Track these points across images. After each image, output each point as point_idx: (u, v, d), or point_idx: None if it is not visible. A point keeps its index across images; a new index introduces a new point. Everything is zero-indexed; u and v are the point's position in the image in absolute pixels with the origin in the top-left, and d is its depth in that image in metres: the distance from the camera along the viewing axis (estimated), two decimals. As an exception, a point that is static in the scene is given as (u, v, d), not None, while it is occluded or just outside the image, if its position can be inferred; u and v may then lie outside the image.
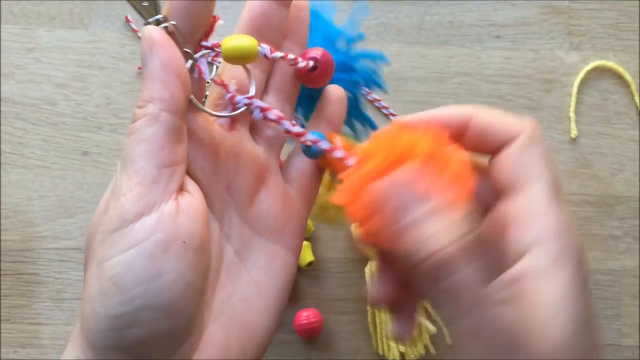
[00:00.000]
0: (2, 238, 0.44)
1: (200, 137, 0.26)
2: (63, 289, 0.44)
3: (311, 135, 0.27)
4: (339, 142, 0.27)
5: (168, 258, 0.22)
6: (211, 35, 0.26)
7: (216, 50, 0.26)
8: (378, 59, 0.36)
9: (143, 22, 0.25)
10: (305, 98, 0.32)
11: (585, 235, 0.46)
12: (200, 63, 0.26)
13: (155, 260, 0.22)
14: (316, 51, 0.28)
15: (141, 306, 0.22)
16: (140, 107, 0.23)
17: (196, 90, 0.26)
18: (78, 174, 0.45)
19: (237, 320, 0.27)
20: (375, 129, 0.37)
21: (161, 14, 0.24)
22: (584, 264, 0.22)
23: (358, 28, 0.34)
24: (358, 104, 0.36)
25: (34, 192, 0.45)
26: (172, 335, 0.24)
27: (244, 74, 0.27)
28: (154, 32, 0.24)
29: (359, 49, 0.35)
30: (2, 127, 0.45)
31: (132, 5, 0.24)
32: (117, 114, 0.46)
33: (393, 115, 0.46)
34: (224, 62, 0.26)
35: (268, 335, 0.27)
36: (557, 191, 0.24)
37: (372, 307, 0.27)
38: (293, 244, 0.29)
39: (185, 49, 0.25)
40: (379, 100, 0.46)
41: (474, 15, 0.48)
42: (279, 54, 0.26)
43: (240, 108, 0.27)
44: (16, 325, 0.44)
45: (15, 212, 0.44)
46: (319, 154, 0.28)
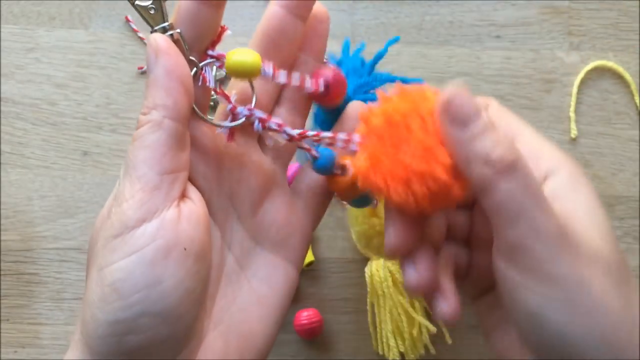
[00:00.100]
0: (2, 238, 0.44)
1: (203, 145, 0.26)
2: (63, 289, 0.44)
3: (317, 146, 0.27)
4: (350, 167, 0.26)
5: (168, 264, 0.23)
6: (218, 44, 0.26)
7: (222, 60, 0.26)
8: (399, 81, 0.36)
9: (150, 30, 0.25)
10: (328, 114, 0.31)
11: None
12: (205, 72, 0.26)
13: (156, 267, 0.22)
14: (327, 72, 0.27)
15: (141, 312, 0.22)
16: (144, 114, 0.24)
17: (200, 99, 0.26)
18: (78, 174, 0.45)
19: (237, 329, 0.27)
20: None
21: (167, 21, 0.25)
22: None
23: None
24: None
25: (34, 192, 0.45)
26: (172, 342, 0.24)
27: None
28: (160, 40, 0.24)
29: (383, 73, 0.35)
30: (2, 127, 0.45)
31: (139, 12, 0.25)
32: (117, 114, 0.46)
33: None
34: None
35: (268, 344, 0.27)
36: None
37: (389, 256, 0.26)
38: (295, 256, 0.29)
39: (191, 57, 0.25)
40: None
41: (474, 15, 0.48)
42: (283, 78, 0.26)
43: (240, 119, 0.26)
44: (16, 325, 0.44)
45: (15, 212, 0.45)
46: (326, 170, 0.27)
